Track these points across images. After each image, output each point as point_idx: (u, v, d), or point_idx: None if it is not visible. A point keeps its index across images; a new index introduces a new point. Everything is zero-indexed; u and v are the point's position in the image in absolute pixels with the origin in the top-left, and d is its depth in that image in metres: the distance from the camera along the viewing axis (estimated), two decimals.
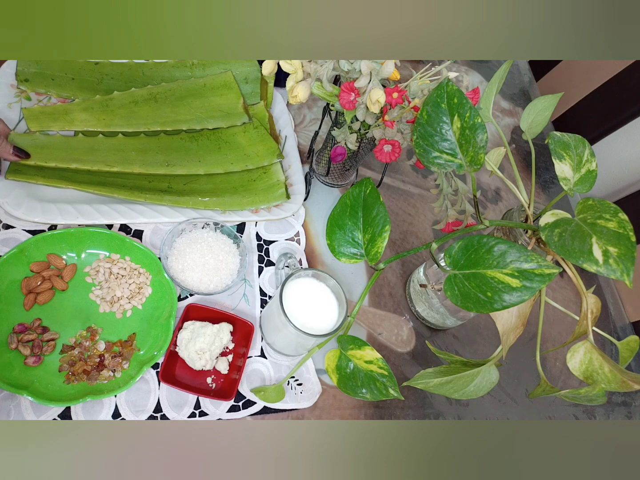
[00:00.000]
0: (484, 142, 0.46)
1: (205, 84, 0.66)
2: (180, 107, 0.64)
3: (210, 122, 0.64)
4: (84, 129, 0.60)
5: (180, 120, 0.64)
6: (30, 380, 0.46)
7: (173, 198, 0.59)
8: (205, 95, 0.66)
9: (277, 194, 0.63)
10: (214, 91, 0.66)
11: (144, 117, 0.62)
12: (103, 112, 0.61)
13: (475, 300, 0.41)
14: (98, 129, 0.60)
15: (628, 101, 0.83)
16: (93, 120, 0.61)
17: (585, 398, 0.41)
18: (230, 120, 0.65)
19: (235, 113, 0.66)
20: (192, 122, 0.64)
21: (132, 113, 0.62)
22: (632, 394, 0.71)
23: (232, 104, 0.66)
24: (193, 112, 0.64)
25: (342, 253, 0.51)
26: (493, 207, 0.80)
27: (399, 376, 0.60)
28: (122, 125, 0.61)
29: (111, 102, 0.62)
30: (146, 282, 0.54)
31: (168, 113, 0.64)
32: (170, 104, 0.64)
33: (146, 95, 0.63)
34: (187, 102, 0.65)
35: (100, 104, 0.61)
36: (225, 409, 0.51)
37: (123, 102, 0.62)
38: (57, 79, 0.62)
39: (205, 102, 0.65)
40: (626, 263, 0.37)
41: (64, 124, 0.59)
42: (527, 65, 1.04)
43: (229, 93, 0.66)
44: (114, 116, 0.61)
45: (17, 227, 0.53)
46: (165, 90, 0.64)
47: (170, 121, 0.63)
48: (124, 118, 0.62)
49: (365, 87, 0.49)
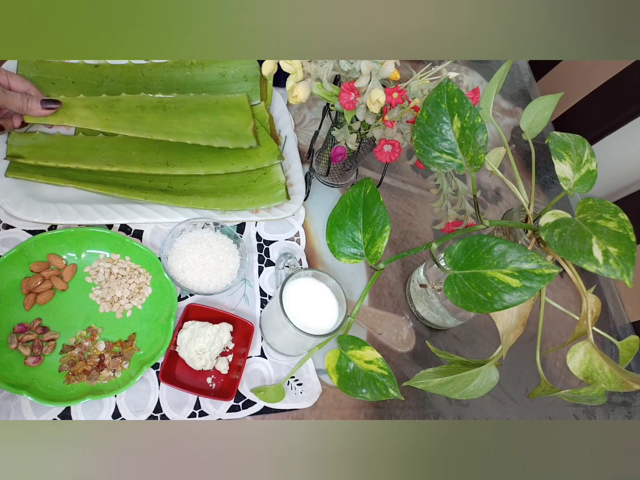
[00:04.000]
0: (484, 142, 0.46)
1: (218, 101, 0.64)
2: (188, 120, 0.62)
3: (216, 141, 0.62)
4: (83, 127, 0.58)
5: (186, 133, 0.61)
6: (30, 380, 0.46)
7: (173, 198, 0.59)
8: (216, 113, 0.64)
9: (278, 195, 0.63)
10: (226, 110, 0.64)
11: (149, 124, 0.60)
12: (107, 112, 0.59)
13: (475, 300, 0.41)
14: (98, 128, 0.59)
15: (628, 101, 0.83)
16: (95, 118, 0.59)
17: (585, 398, 0.41)
18: (238, 141, 0.63)
19: (243, 135, 0.64)
20: (198, 137, 0.61)
21: (138, 118, 0.60)
22: (632, 394, 0.71)
23: (242, 125, 0.64)
24: (201, 128, 0.62)
25: (342, 253, 0.51)
26: (493, 207, 0.80)
27: (399, 376, 0.60)
28: (124, 128, 0.59)
29: (117, 104, 0.60)
30: (146, 282, 0.54)
31: (175, 124, 0.61)
32: (179, 116, 0.62)
33: (155, 103, 0.62)
34: (196, 116, 0.62)
35: (105, 103, 0.60)
36: (225, 409, 0.51)
37: (130, 105, 0.61)
38: (57, 83, 0.62)
39: (215, 119, 0.63)
40: (626, 263, 0.37)
41: (63, 119, 0.57)
42: (527, 65, 1.04)
43: (240, 114, 0.64)
44: (117, 118, 0.60)
45: (17, 227, 0.53)
46: (176, 101, 0.62)
47: (176, 132, 0.61)
48: (128, 122, 0.60)
49: (365, 87, 0.49)
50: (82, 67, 0.64)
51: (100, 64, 0.64)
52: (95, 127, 0.59)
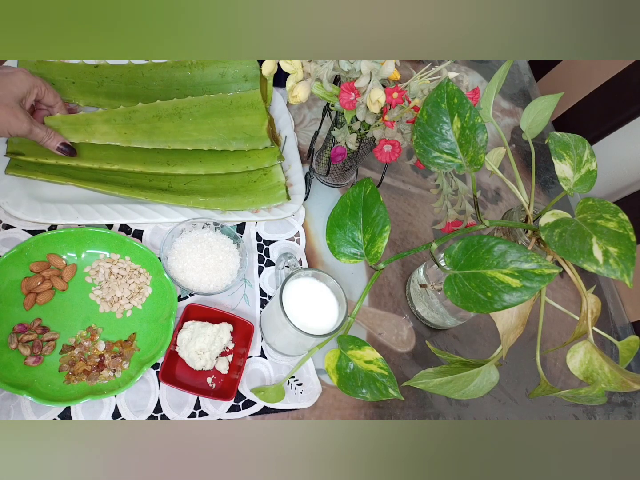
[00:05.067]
0: (484, 142, 0.46)
1: (232, 101, 0.64)
2: (203, 126, 0.63)
3: (232, 144, 0.63)
4: (104, 142, 0.59)
5: (202, 140, 0.62)
6: (30, 380, 0.46)
7: (173, 197, 0.59)
8: (230, 115, 0.64)
9: (278, 195, 0.63)
10: (240, 110, 0.64)
11: (166, 134, 0.61)
12: (125, 126, 0.60)
13: (475, 300, 0.41)
14: (118, 143, 0.59)
15: (628, 101, 0.83)
16: (114, 134, 0.59)
17: (585, 398, 0.41)
18: (253, 143, 0.64)
19: (258, 136, 0.64)
20: (214, 143, 0.62)
21: (155, 129, 0.61)
22: (632, 394, 0.71)
23: (256, 126, 0.64)
24: (216, 132, 0.63)
25: (342, 253, 0.51)
26: (493, 207, 0.80)
27: (399, 376, 0.60)
28: (143, 141, 0.60)
29: (134, 115, 0.61)
30: (146, 282, 0.54)
31: (191, 131, 0.62)
32: (194, 122, 0.63)
33: (171, 110, 0.62)
34: (211, 120, 0.63)
35: (123, 116, 0.60)
36: (225, 409, 0.51)
37: (147, 115, 0.61)
38: (57, 83, 0.62)
39: (230, 122, 0.64)
40: (626, 263, 0.37)
41: (85, 136, 0.58)
42: (527, 65, 1.04)
43: (254, 114, 0.65)
44: (135, 131, 0.60)
45: (17, 227, 0.53)
46: (191, 106, 0.63)
47: (193, 140, 0.62)
48: (146, 134, 0.60)
49: (365, 87, 0.49)
50: (82, 68, 0.64)
51: (100, 64, 0.65)
52: (115, 142, 0.59)
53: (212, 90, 0.67)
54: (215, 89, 0.68)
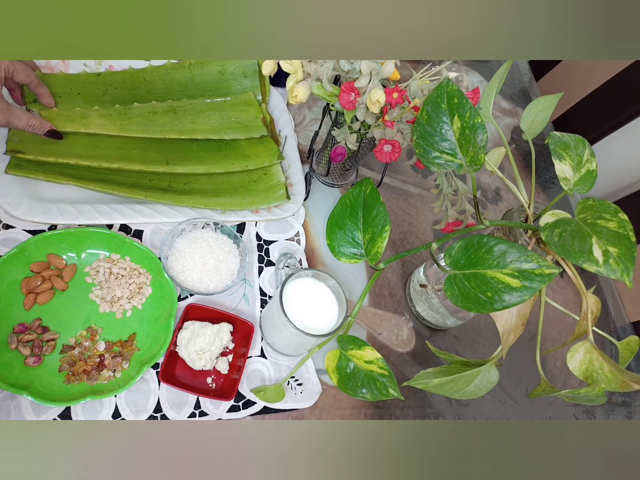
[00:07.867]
0: (484, 142, 0.46)
1: (226, 101, 0.66)
2: (199, 118, 0.64)
3: (227, 133, 0.64)
4: (99, 132, 0.60)
5: (197, 130, 0.64)
6: (30, 380, 0.46)
7: (173, 197, 0.59)
8: (225, 110, 0.66)
9: (278, 195, 0.63)
10: (234, 107, 0.66)
11: (161, 125, 0.63)
12: (120, 119, 0.62)
13: (475, 300, 0.41)
14: (113, 132, 0.61)
15: (628, 101, 0.83)
16: (109, 124, 0.61)
17: (585, 398, 0.41)
18: (249, 132, 0.65)
19: (253, 125, 0.66)
20: (210, 132, 0.64)
21: (150, 121, 0.63)
22: (632, 394, 0.71)
23: (251, 117, 0.66)
24: (212, 124, 0.64)
25: (342, 253, 0.51)
26: (493, 207, 0.80)
27: (399, 376, 0.60)
28: (138, 130, 0.61)
29: (130, 111, 0.62)
30: (146, 282, 0.54)
31: (186, 123, 0.64)
32: (189, 116, 0.64)
33: (166, 108, 0.64)
34: (206, 114, 0.65)
35: (119, 112, 0.62)
36: (225, 409, 0.51)
37: (142, 111, 0.63)
38: (63, 96, 0.62)
39: (225, 116, 0.65)
40: (626, 263, 0.37)
41: (80, 126, 0.60)
42: (527, 65, 1.04)
43: (249, 109, 0.66)
44: (130, 122, 0.62)
45: (17, 227, 0.53)
46: (186, 105, 0.64)
47: (188, 130, 0.63)
48: (141, 125, 0.62)
49: (365, 87, 0.49)
50: (85, 77, 0.63)
51: (102, 72, 0.64)
52: (110, 132, 0.61)
53: (212, 89, 0.67)
54: (216, 87, 0.68)
